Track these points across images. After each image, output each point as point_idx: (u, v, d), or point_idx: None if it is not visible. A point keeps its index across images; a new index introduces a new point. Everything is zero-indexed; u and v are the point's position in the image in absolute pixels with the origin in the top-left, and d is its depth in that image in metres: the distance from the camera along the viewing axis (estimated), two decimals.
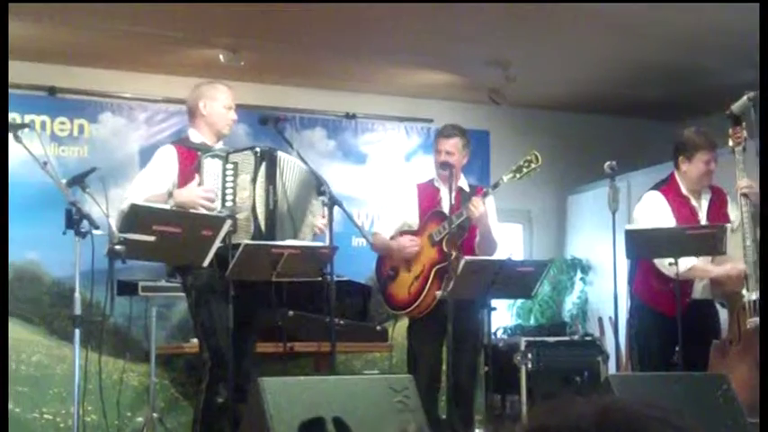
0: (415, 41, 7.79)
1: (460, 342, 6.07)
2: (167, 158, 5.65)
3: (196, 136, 5.77)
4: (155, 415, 6.79)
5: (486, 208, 6.19)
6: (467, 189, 6.44)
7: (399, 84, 8.89)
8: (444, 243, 6.22)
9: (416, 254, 6.32)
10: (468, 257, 5.95)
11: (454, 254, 6.10)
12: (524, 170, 6.33)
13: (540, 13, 7.09)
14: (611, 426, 1.21)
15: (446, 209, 6.30)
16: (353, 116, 8.99)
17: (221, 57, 7.69)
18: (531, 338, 7.90)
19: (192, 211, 5.38)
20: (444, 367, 6.32)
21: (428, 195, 6.47)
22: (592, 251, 9.33)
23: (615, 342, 6.95)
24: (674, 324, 5.87)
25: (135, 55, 7.94)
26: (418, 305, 6.25)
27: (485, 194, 6.25)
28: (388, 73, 8.63)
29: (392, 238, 6.42)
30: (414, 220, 6.43)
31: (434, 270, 6.23)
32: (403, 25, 7.39)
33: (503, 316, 8.72)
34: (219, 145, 5.79)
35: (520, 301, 9.03)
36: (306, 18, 7.19)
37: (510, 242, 9.52)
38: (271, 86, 8.62)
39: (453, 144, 6.43)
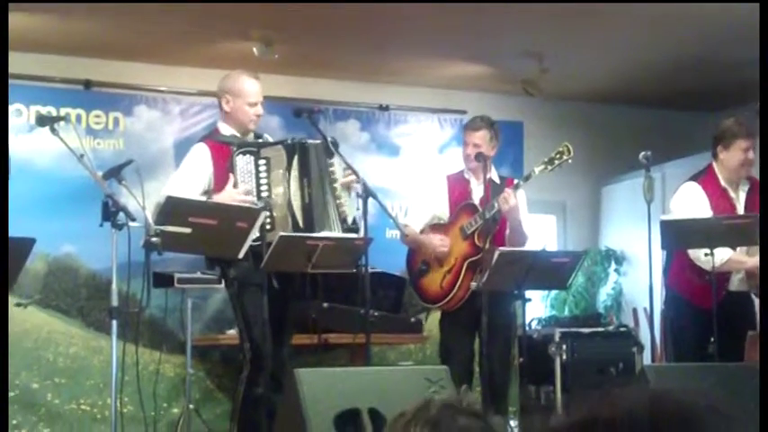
0: (449, 33, 7.78)
1: (494, 334, 6.06)
2: (201, 159, 5.67)
3: (225, 128, 5.79)
4: (191, 406, 6.81)
5: (517, 200, 6.17)
6: (497, 181, 6.41)
7: (433, 75, 8.88)
8: (476, 236, 6.21)
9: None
10: (502, 248, 5.95)
11: (486, 246, 6.10)
12: (556, 162, 6.31)
13: (574, 4, 7.06)
14: (664, 414, 1.21)
15: (477, 201, 6.30)
16: (387, 108, 8.99)
17: (255, 50, 7.70)
18: (566, 329, 7.88)
19: (227, 203, 5.40)
20: (477, 359, 6.32)
21: (458, 187, 6.45)
22: (626, 242, 9.29)
23: (650, 333, 6.92)
24: (710, 315, 5.85)
25: (169, 48, 7.97)
26: (451, 298, 6.25)
27: (516, 186, 6.23)
28: (421, 65, 8.62)
29: (422, 231, 6.40)
30: (444, 213, 6.41)
31: (466, 263, 6.22)
32: (436, 17, 7.38)
33: (537, 307, 8.70)
34: (251, 136, 5.81)
35: (554, 292, 9.01)
36: (339, 10, 7.20)
37: (544, 233, 9.50)
38: (304, 79, 8.63)
39: (480, 136, 6.41)
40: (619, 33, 7.78)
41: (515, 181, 6.42)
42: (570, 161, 6.31)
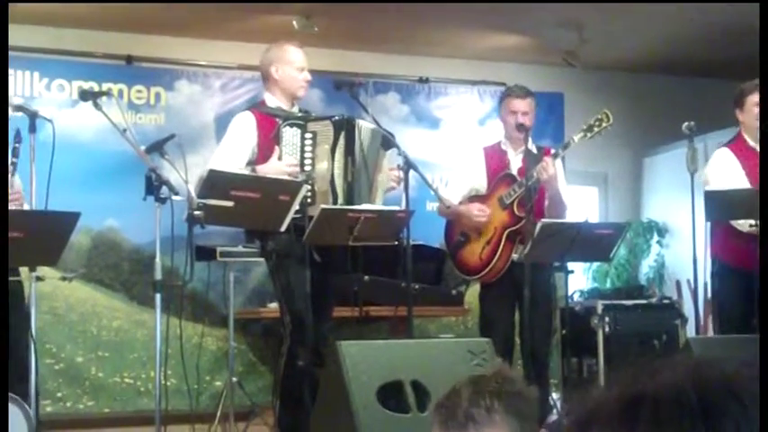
0: (487, 4, 7.73)
1: (535, 305, 6.04)
2: (246, 127, 5.65)
3: (272, 100, 5.77)
4: (234, 379, 6.85)
5: (555, 169, 6.14)
6: (534, 151, 6.36)
7: (472, 47, 8.84)
8: (515, 205, 6.18)
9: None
10: (544, 220, 5.92)
11: (525, 216, 6.08)
12: (595, 129, 6.25)
13: None
14: (707, 384, 1.19)
15: (515, 172, 6.27)
16: (426, 80, 8.96)
17: (295, 23, 7.70)
18: (608, 302, 7.83)
19: (269, 176, 5.40)
20: (519, 331, 6.31)
21: (496, 159, 6.40)
22: (669, 214, 9.23)
23: (694, 306, 6.87)
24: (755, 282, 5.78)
25: (209, 22, 7.98)
26: (490, 269, 6.22)
27: (555, 155, 6.18)
28: (460, 36, 8.59)
29: (460, 203, 6.37)
30: (482, 185, 6.37)
31: (506, 233, 6.19)
32: None
33: (578, 279, 8.66)
34: (296, 109, 5.80)
35: (596, 264, 8.97)
36: None
37: (586, 205, 9.46)
38: (344, 52, 8.62)
39: (528, 104, 6.35)
40: (658, 2, 7.70)
41: (552, 150, 6.38)
42: (609, 128, 6.25)
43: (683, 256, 7.19)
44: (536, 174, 6.07)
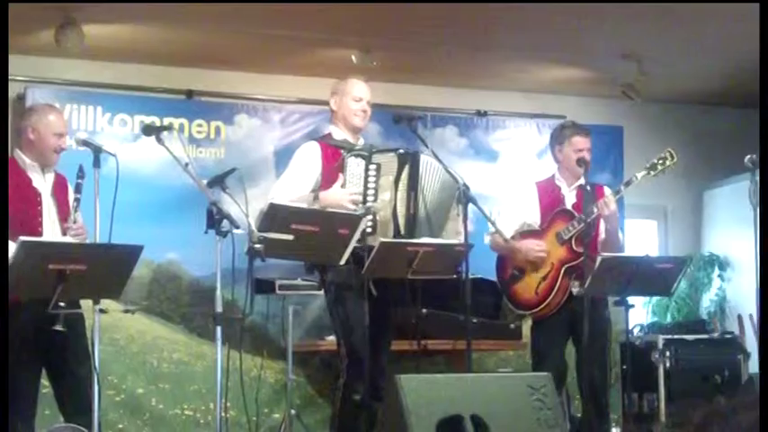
0: (546, 37, 7.73)
1: (592, 339, 6.02)
2: (311, 156, 5.73)
3: (337, 133, 5.85)
4: (292, 412, 6.86)
5: (616, 206, 6.14)
6: (587, 187, 6.34)
7: (530, 80, 8.84)
8: (573, 241, 6.16)
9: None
10: (605, 254, 5.90)
11: (584, 252, 6.06)
12: (659, 167, 6.24)
13: (672, 6, 6.97)
14: None
15: (569, 207, 6.25)
16: (485, 113, 8.97)
17: (354, 57, 7.75)
18: (669, 336, 7.78)
19: (329, 209, 5.43)
20: (576, 366, 6.27)
21: (549, 194, 6.38)
22: (730, 247, 9.14)
23: (758, 340, 6.78)
24: None
25: (269, 57, 8.05)
26: (547, 305, 6.18)
27: (616, 192, 6.16)
28: (518, 69, 8.59)
29: (512, 237, 6.31)
30: (534, 220, 6.33)
31: (564, 269, 6.16)
32: (533, 20, 7.35)
33: (639, 313, 8.59)
34: (361, 142, 5.85)
35: (656, 298, 8.89)
36: (436, 16, 7.21)
37: (645, 239, 9.40)
38: (402, 85, 8.65)
39: (589, 141, 6.38)
40: (718, 34, 7.66)
41: (604, 187, 6.41)
42: (673, 167, 6.23)
43: (746, 289, 7.11)
44: (597, 209, 6.06)
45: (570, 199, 6.31)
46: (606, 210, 6.04)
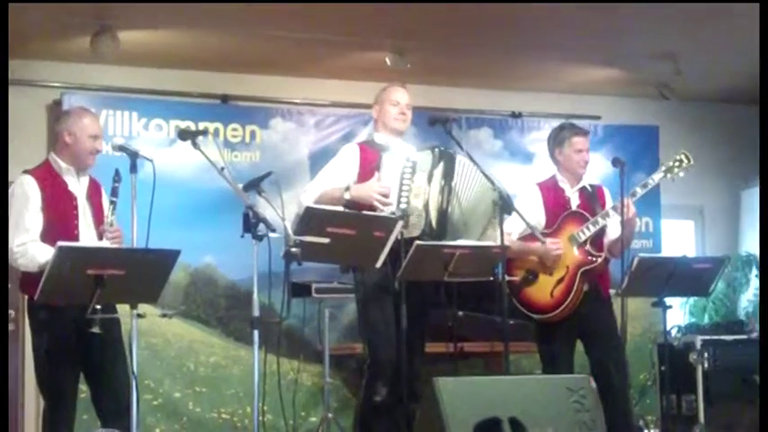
0: (581, 37, 7.71)
1: (604, 340, 6.05)
2: (349, 156, 5.78)
3: (380, 137, 5.89)
4: (329, 415, 6.87)
5: (635, 209, 6.11)
6: (589, 188, 6.32)
7: (565, 80, 8.82)
8: (589, 244, 6.13)
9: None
10: (642, 255, 5.88)
11: (602, 255, 6.05)
12: (675, 170, 6.24)
13: (707, 4, 6.94)
14: None
15: (574, 208, 6.22)
16: (519, 115, 8.95)
17: (387, 59, 7.76)
18: (707, 337, 7.73)
19: (364, 212, 5.44)
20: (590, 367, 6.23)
21: (554, 195, 6.32)
22: None
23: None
24: None
25: (303, 60, 8.07)
26: (564, 308, 6.13)
27: (633, 194, 6.12)
28: (553, 70, 8.56)
29: (518, 240, 6.24)
30: (539, 222, 6.22)
31: (580, 272, 6.11)
32: (567, 21, 7.33)
33: (676, 314, 8.54)
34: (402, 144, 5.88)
35: (693, 298, 8.84)
36: (470, 18, 7.20)
37: (682, 239, 9.35)
38: (436, 88, 8.64)
39: (588, 141, 6.38)
40: (754, 32, 7.60)
41: (603, 188, 6.42)
42: (690, 169, 6.20)
43: None
44: (612, 212, 6.05)
45: (574, 200, 6.29)
46: (629, 213, 6.00)
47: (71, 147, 5.36)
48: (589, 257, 6.09)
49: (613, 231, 6.23)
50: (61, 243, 4.67)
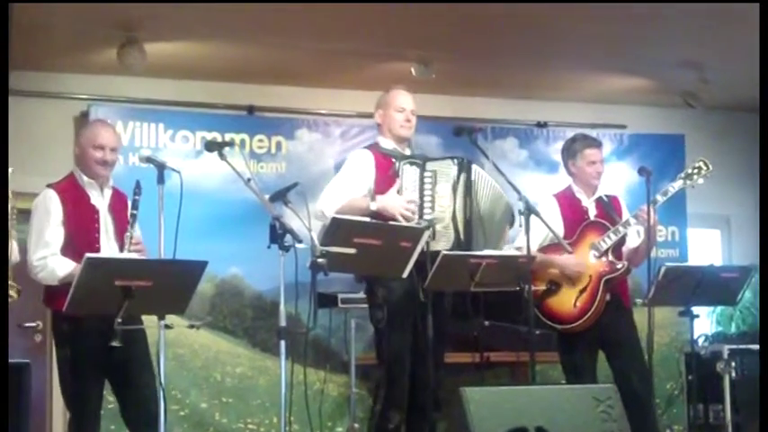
0: (606, 46, 7.70)
1: (626, 349, 6.04)
2: (364, 163, 5.75)
3: (385, 142, 5.86)
4: (355, 425, 6.87)
5: (656, 217, 6.09)
6: (605, 198, 6.32)
7: (590, 90, 8.80)
8: (610, 253, 6.12)
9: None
10: (669, 264, 5.86)
11: (624, 264, 6.04)
12: (694, 177, 6.21)
13: (732, 12, 6.92)
14: None
15: (592, 218, 6.22)
16: (545, 124, 8.95)
17: (413, 70, 7.77)
18: (735, 346, 7.70)
19: (390, 222, 5.45)
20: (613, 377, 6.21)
21: (571, 206, 6.31)
22: None
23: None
24: None
25: (328, 71, 8.10)
26: (589, 317, 6.11)
27: (654, 202, 6.10)
28: (578, 79, 8.56)
29: (538, 251, 6.23)
30: (558, 232, 6.21)
31: (603, 281, 6.10)
32: (592, 30, 7.32)
33: (703, 323, 8.51)
34: (407, 152, 5.85)
35: (719, 308, 8.80)
36: (495, 28, 7.21)
37: (708, 248, 9.31)
38: (461, 98, 8.65)
39: (601, 153, 6.38)
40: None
41: (619, 197, 6.42)
42: (709, 176, 6.18)
43: None
44: (635, 221, 6.04)
45: (592, 210, 6.28)
46: (651, 221, 6.00)
47: (79, 158, 5.41)
48: (612, 266, 6.08)
49: (632, 240, 6.23)
50: (89, 255, 4.69)
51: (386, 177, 5.65)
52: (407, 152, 5.86)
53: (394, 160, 5.68)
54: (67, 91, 7.93)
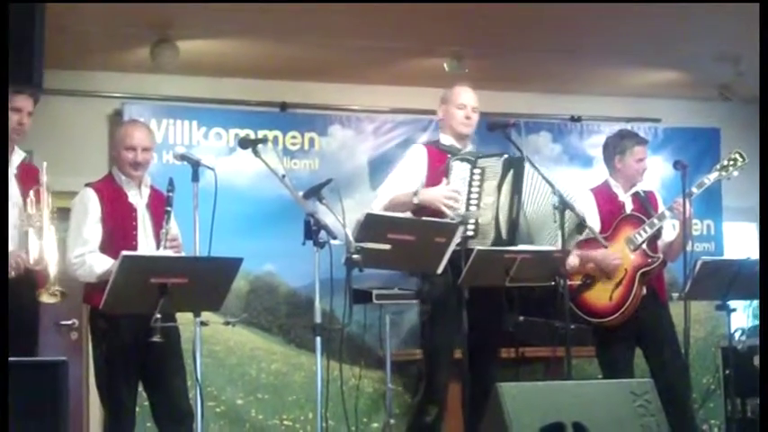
0: (640, 40, 7.65)
1: (663, 344, 6.05)
2: (418, 158, 5.78)
3: (446, 139, 5.90)
4: (391, 421, 6.86)
5: (691, 209, 6.07)
6: (642, 193, 6.30)
7: (625, 83, 8.76)
8: (646, 246, 6.10)
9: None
10: (705, 258, 5.83)
11: (660, 256, 6.01)
12: (730, 168, 6.22)
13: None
14: None
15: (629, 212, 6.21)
16: (579, 119, 8.90)
17: (445, 65, 7.75)
18: None
19: (424, 218, 5.44)
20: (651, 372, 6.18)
21: (607, 200, 6.31)
22: None
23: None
24: None
25: (361, 68, 8.09)
26: (624, 311, 6.09)
27: (689, 195, 6.07)
28: (612, 73, 8.51)
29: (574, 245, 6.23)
30: (595, 226, 6.19)
31: (639, 274, 6.08)
32: (627, 24, 7.28)
33: (739, 317, 8.44)
34: (469, 148, 5.86)
35: (756, 301, 8.73)
36: (528, 22, 7.18)
37: (744, 242, 9.24)
38: (495, 93, 8.57)
39: (647, 150, 6.39)
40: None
41: (655, 192, 6.42)
42: (745, 167, 6.15)
43: None
44: (670, 214, 6.02)
45: (628, 205, 6.28)
46: (687, 213, 5.97)
47: (114, 159, 5.47)
48: (648, 259, 6.06)
49: (668, 234, 6.21)
50: (125, 252, 4.72)
51: (437, 173, 5.67)
52: (469, 149, 5.86)
53: (448, 156, 5.69)
54: (101, 90, 7.96)
